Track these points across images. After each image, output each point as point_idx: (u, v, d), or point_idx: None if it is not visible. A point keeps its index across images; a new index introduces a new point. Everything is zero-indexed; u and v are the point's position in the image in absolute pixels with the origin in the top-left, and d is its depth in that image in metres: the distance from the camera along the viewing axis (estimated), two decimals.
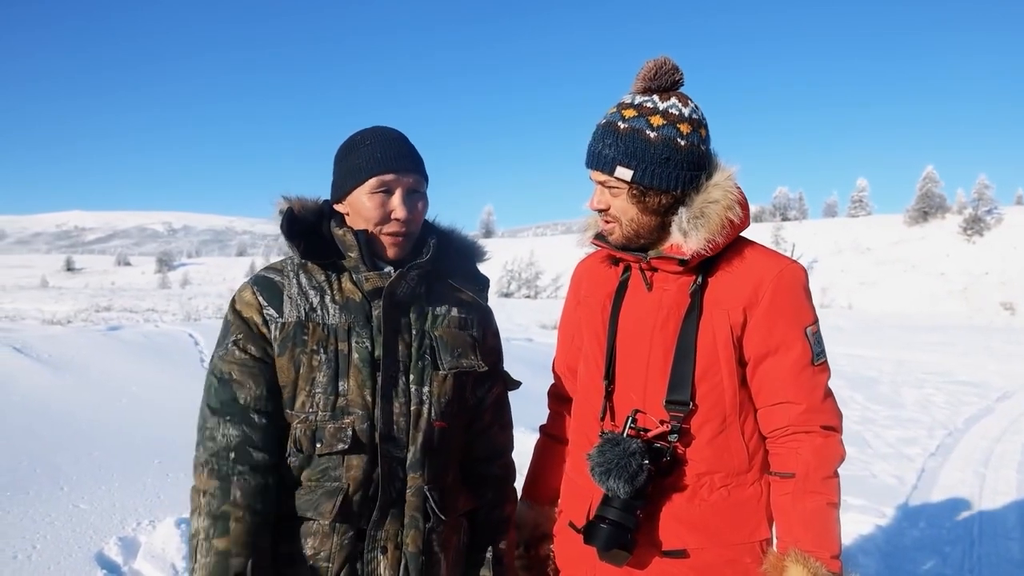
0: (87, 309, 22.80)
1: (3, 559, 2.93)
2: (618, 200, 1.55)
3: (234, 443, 1.46)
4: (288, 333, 1.50)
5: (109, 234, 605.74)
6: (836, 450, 1.52)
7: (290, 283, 1.55)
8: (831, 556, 1.47)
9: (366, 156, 1.55)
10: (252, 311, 1.53)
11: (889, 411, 8.47)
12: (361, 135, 1.60)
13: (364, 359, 1.50)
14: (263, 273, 1.59)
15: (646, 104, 1.52)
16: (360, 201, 1.54)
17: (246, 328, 1.52)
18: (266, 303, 1.53)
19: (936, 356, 14.74)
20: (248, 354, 1.50)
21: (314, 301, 1.53)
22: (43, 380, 4.97)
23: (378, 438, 1.48)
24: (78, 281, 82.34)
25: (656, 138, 1.49)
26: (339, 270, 1.57)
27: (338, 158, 1.61)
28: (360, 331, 1.51)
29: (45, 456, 3.82)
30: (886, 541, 4.24)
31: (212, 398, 1.50)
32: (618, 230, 1.57)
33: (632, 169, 1.50)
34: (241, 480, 1.44)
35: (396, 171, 1.54)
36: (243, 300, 1.55)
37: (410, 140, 1.62)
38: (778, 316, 1.52)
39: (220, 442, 1.46)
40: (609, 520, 1.49)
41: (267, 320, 1.52)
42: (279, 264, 1.61)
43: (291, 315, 1.51)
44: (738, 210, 1.53)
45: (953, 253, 49.45)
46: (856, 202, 71.71)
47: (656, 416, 1.55)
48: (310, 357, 1.49)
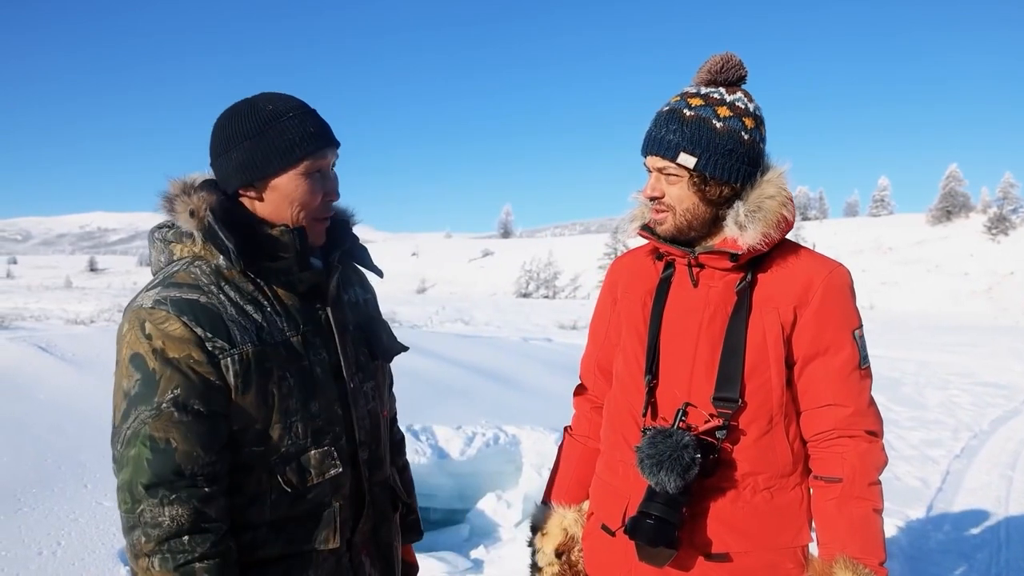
0: (110, 309, 23.06)
1: (29, 555, 2.97)
2: (675, 188, 1.53)
3: (187, 525, 1.20)
4: (249, 365, 1.26)
5: (131, 235, 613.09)
6: (879, 456, 1.51)
7: (221, 301, 1.28)
8: (879, 563, 1.44)
9: (297, 132, 1.32)
10: (189, 348, 1.22)
11: (912, 412, 8.35)
12: (272, 104, 1.34)
13: (325, 370, 1.37)
14: (177, 294, 1.26)
15: (713, 95, 1.52)
16: (290, 185, 1.33)
17: (182, 378, 1.22)
18: (210, 334, 1.24)
19: (960, 357, 14.52)
20: (190, 413, 1.21)
21: (257, 318, 1.30)
22: (68, 379, 5.03)
23: (357, 446, 1.43)
24: (101, 281, 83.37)
25: (722, 128, 1.49)
26: (266, 275, 1.34)
27: (246, 133, 1.32)
28: (313, 340, 1.36)
29: (70, 454, 3.86)
30: (910, 544, 4.18)
31: (144, 474, 1.19)
32: (670, 219, 1.55)
33: (696, 157, 1.49)
34: (208, 564, 1.20)
35: (329, 147, 1.36)
36: (169, 336, 1.22)
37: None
38: (828, 317, 1.51)
39: (168, 527, 1.19)
40: (654, 516, 1.46)
41: (215, 355, 1.24)
42: (184, 277, 1.29)
43: (245, 342, 1.27)
44: (790, 207, 1.53)
45: (977, 253, 48.69)
46: (878, 201, 70.92)
47: (705, 411, 1.53)
48: (279, 384, 1.30)
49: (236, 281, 1.32)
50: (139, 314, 1.25)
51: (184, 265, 1.32)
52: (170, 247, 1.37)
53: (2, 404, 4.36)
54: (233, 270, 1.31)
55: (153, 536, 1.19)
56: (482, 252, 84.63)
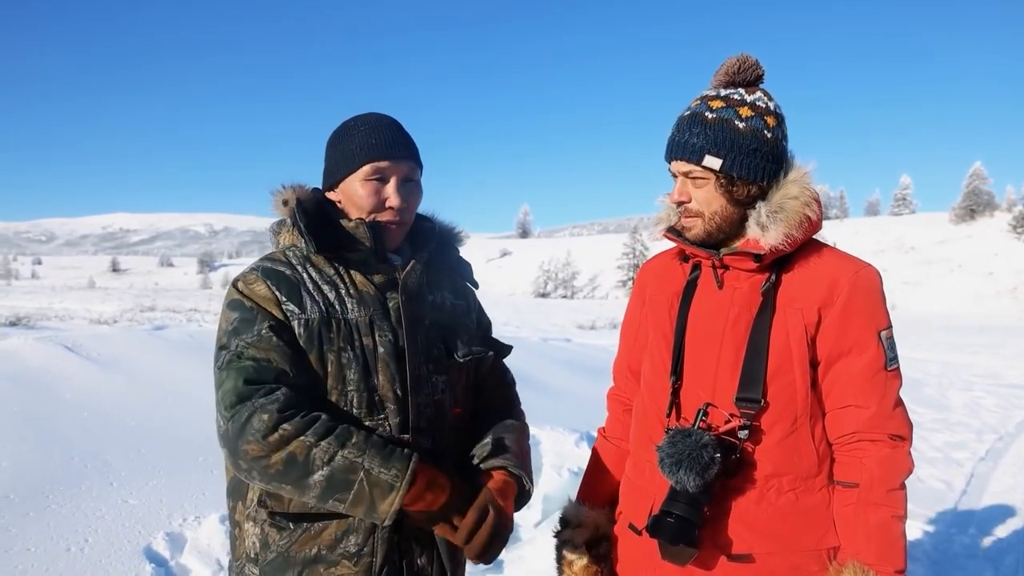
0: (132, 309, 23.38)
1: (57, 552, 3.02)
2: (702, 191, 1.53)
3: (295, 400, 1.35)
4: (313, 330, 1.43)
5: (153, 235, 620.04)
6: (904, 462, 1.48)
7: (302, 276, 1.48)
8: (895, 571, 1.43)
9: (359, 142, 1.51)
10: (270, 305, 1.43)
11: (936, 414, 8.26)
12: (355, 120, 1.56)
13: (390, 353, 1.47)
14: (269, 265, 1.49)
15: (733, 96, 1.53)
16: (353, 189, 1.51)
17: (273, 318, 1.42)
18: (285, 298, 1.44)
19: (984, 358, 14.33)
20: (283, 340, 1.40)
21: (330, 296, 1.47)
22: (94, 378, 5.10)
23: (411, 431, 1.48)
24: (123, 282, 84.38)
25: (745, 128, 1.49)
26: (346, 263, 1.52)
27: (331, 144, 1.57)
28: (381, 324, 1.48)
29: (96, 452, 3.92)
30: (934, 548, 4.13)
31: (250, 374, 1.36)
32: (699, 224, 1.55)
33: (721, 158, 1.49)
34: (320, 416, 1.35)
35: (391, 158, 1.51)
36: (257, 294, 1.45)
37: (404, 127, 1.58)
38: (853, 317, 1.50)
39: (283, 400, 1.34)
40: (676, 515, 1.46)
41: (288, 316, 1.43)
42: (279, 255, 1.53)
43: (313, 311, 1.45)
44: (815, 207, 1.52)
45: (1002, 252, 48.00)
46: (899, 200, 70.12)
47: (727, 412, 1.53)
48: (338, 354, 1.44)
49: (320, 265, 1.51)
50: (237, 279, 1.49)
51: (281, 249, 1.55)
52: (276, 236, 1.58)
53: (30, 403, 4.43)
54: (319, 256, 1.50)
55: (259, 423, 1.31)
56: (500, 252, 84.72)
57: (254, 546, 1.47)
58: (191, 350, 6.22)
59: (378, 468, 1.33)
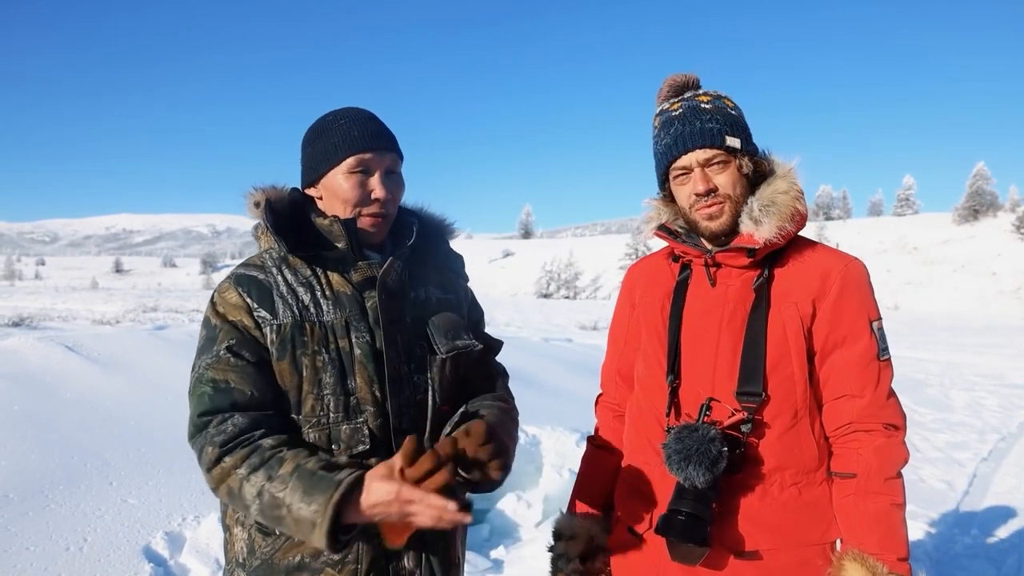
0: (135, 309, 23.38)
1: (56, 551, 3.02)
2: (724, 175, 1.54)
3: (245, 426, 1.35)
4: (286, 335, 1.42)
5: (156, 236, 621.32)
6: (899, 451, 1.49)
7: (276, 281, 1.46)
8: (897, 559, 1.42)
9: (341, 135, 1.49)
10: (240, 314, 1.43)
11: (937, 414, 8.24)
12: (333, 115, 1.54)
13: (367, 354, 1.45)
14: (243, 271, 1.49)
15: (697, 94, 1.59)
16: (337, 183, 1.48)
17: (237, 333, 1.42)
18: (256, 304, 1.43)
19: (987, 358, 14.30)
20: (244, 359, 1.40)
21: (305, 299, 1.45)
22: (94, 378, 5.11)
23: (392, 432, 1.45)
24: (126, 282, 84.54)
25: (736, 113, 1.57)
26: (323, 262, 1.49)
27: (308, 140, 1.54)
28: (358, 325, 1.46)
29: (96, 452, 3.92)
30: (936, 548, 4.12)
31: (205, 404, 1.37)
32: (728, 209, 1.54)
33: (738, 137, 1.54)
34: (259, 445, 1.33)
35: (374, 150, 1.49)
36: (228, 303, 1.44)
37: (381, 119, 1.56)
38: (846, 307, 1.52)
39: (229, 432, 1.34)
40: (685, 512, 1.45)
41: (259, 323, 1.42)
42: (256, 260, 1.52)
43: (286, 316, 1.43)
44: (803, 201, 1.55)
45: (1005, 252, 47.92)
46: (902, 200, 70.05)
47: (728, 406, 1.53)
48: (312, 358, 1.42)
49: (296, 267, 1.49)
50: (215, 290, 1.50)
51: (259, 253, 1.54)
52: (257, 241, 1.58)
53: (30, 403, 4.44)
54: (296, 257, 1.48)
55: (215, 444, 1.33)
56: (503, 252, 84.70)
57: (242, 551, 1.46)
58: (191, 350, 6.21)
59: (298, 503, 1.26)
